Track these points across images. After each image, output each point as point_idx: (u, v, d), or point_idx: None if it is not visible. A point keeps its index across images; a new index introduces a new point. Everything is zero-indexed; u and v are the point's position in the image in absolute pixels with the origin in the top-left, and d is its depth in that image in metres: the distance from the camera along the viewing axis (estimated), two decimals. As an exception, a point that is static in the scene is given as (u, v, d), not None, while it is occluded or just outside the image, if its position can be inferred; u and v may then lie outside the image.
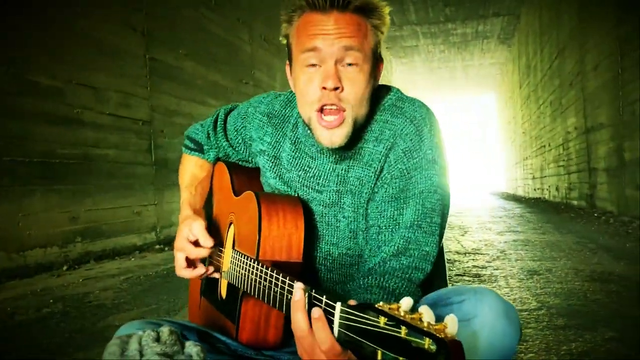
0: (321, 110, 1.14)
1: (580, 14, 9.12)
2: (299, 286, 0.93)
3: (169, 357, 0.75)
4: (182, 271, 1.34)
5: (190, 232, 1.31)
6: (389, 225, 1.19)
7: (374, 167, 1.21)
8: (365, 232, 1.25)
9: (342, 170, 1.25)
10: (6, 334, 2.53)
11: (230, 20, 7.23)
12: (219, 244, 1.38)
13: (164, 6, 5.73)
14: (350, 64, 1.13)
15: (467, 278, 3.45)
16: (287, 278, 0.99)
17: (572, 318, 2.43)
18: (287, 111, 1.37)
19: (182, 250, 1.32)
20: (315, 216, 1.28)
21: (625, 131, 6.94)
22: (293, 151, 1.32)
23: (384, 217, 1.20)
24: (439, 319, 0.69)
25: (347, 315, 0.79)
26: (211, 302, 1.42)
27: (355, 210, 1.25)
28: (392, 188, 1.19)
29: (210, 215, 1.54)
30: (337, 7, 1.13)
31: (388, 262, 1.16)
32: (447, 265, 3.70)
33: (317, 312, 0.87)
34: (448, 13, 15.23)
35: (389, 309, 0.70)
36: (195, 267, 1.35)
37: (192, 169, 1.55)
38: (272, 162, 1.35)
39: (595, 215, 7.71)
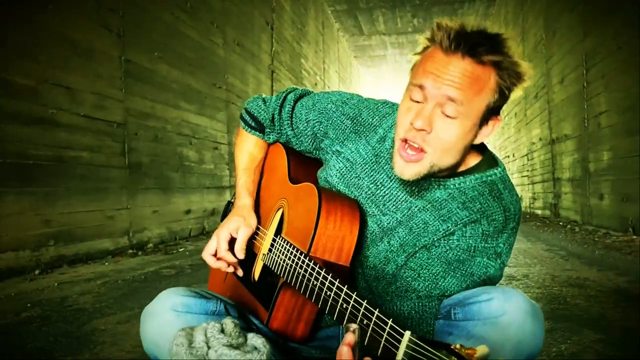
0: (405, 141, 1.15)
1: (545, 28, 9.39)
2: (353, 327, 0.95)
3: (236, 348, 0.75)
4: (208, 257, 1.33)
5: (236, 231, 1.32)
6: (427, 279, 1.23)
7: (447, 225, 1.23)
8: (400, 268, 1.27)
9: (415, 207, 1.25)
10: (-13, 339, 2.45)
11: (204, 23, 7.19)
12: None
13: (140, 8, 5.65)
14: (448, 115, 1.10)
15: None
16: (337, 281, 1.00)
17: (557, 322, 2.49)
18: (375, 121, 1.35)
19: (219, 240, 1.32)
20: (366, 230, 1.29)
21: (589, 143, 7.17)
22: (373, 163, 1.31)
23: (428, 270, 1.24)
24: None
25: (414, 346, 0.82)
26: (241, 280, 1.40)
27: (403, 245, 1.26)
28: (452, 255, 1.23)
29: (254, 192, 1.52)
30: (461, 52, 1.09)
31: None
32: None
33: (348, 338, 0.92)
34: (416, 24, 15.48)
35: (466, 353, 0.72)
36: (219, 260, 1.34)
37: (251, 149, 1.52)
38: (346, 166, 1.33)
39: (561, 224, 7.92)
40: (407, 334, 0.85)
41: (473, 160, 1.27)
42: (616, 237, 5.72)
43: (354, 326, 0.93)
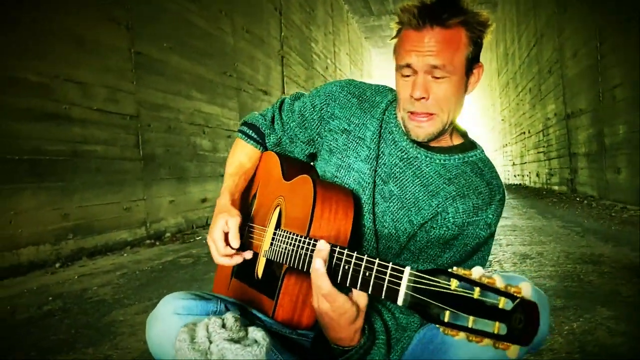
0: (412, 112, 1.27)
1: (557, 1, 9.24)
2: (322, 243, 1.07)
3: (237, 342, 0.78)
4: (220, 259, 1.38)
5: (226, 224, 1.38)
6: (426, 260, 1.31)
7: (438, 201, 1.31)
8: (402, 249, 1.35)
9: (406, 178, 1.35)
10: (9, 332, 2.51)
11: (212, 11, 7.19)
12: (259, 225, 1.47)
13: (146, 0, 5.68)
14: (438, 77, 1.23)
15: (462, 264, 3.51)
16: (338, 247, 1.04)
17: (569, 299, 2.50)
18: (377, 99, 1.46)
19: (215, 242, 1.38)
20: (363, 202, 1.36)
21: (604, 116, 7.09)
22: (378, 135, 1.40)
23: (426, 253, 1.32)
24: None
25: (415, 279, 0.86)
26: (245, 282, 1.44)
27: (395, 221, 1.34)
28: (449, 234, 1.29)
29: (248, 201, 1.59)
30: (429, 24, 1.21)
31: None
32: None
33: (317, 263, 1.04)
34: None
35: (463, 273, 0.75)
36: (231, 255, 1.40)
37: (241, 158, 1.59)
38: (355, 142, 1.42)
39: (577, 199, 7.86)
40: (408, 268, 0.89)
41: (457, 140, 1.39)
42: (633, 211, 5.68)
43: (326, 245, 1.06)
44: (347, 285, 1.03)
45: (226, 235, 1.38)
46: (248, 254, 1.38)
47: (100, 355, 2.10)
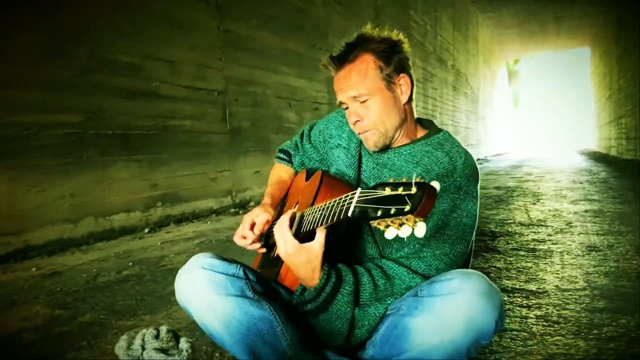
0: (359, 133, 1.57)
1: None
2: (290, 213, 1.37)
3: (164, 352, 0.93)
4: (236, 237, 1.69)
5: (257, 216, 1.67)
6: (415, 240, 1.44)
7: None
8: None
9: (384, 175, 1.58)
10: (89, 294, 2.84)
11: (303, -15, 7.29)
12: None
13: (236, -23, 5.89)
14: (363, 101, 1.49)
15: (522, 253, 3.46)
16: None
17: (614, 300, 2.43)
18: None
19: (242, 224, 1.69)
20: None
21: None
22: (358, 145, 1.67)
23: None
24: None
25: (360, 194, 1.08)
26: (266, 266, 1.69)
27: None
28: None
29: (282, 207, 1.87)
30: (339, 65, 1.51)
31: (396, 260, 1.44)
32: (506, 238, 3.81)
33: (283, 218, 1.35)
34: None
35: (400, 181, 1.01)
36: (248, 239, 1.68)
37: (278, 172, 1.95)
38: (343, 153, 1.69)
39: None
40: (359, 190, 1.10)
41: (421, 133, 1.62)
42: None
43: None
44: (311, 228, 1.29)
45: (253, 224, 1.67)
46: (257, 245, 1.69)
47: (154, 324, 2.35)
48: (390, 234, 1.04)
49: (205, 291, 1.37)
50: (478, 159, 20.19)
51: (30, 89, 3.74)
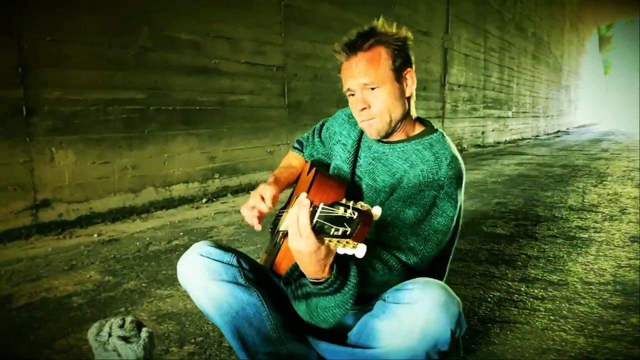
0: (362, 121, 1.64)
1: None
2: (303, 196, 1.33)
3: (126, 340, 1.11)
4: (243, 208, 1.67)
5: (264, 190, 1.66)
6: (391, 216, 1.51)
7: (396, 178, 1.60)
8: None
9: (376, 167, 1.67)
10: (137, 262, 3.12)
11: (370, -45, 7.24)
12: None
13: (299, -49, 5.95)
14: (372, 88, 1.56)
15: (559, 241, 3.43)
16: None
17: (632, 297, 2.41)
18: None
19: (252, 196, 1.70)
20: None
21: None
22: (357, 140, 1.78)
23: (390, 211, 1.52)
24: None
25: (322, 210, 1.12)
26: (269, 254, 1.77)
27: (366, 197, 1.67)
28: (404, 193, 1.54)
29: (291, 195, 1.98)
30: (353, 52, 1.57)
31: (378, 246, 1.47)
32: (549, 223, 3.83)
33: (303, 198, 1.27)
34: None
35: (350, 203, 1.08)
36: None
37: (289, 158, 2.06)
38: (342, 149, 1.81)
39: None
40: (321, 205, 1.14)
41: (418, 129, 1.68)
42: None
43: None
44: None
45: (262, 198, 1.69)
46: (258, 226, 1.67)
47: (183, 296, 2.58)
48: (340, 250, 1.12)
49: (201, 276, 1.56)
50: (558, 132, 19.39)
51: (97, 68, 4.03)
